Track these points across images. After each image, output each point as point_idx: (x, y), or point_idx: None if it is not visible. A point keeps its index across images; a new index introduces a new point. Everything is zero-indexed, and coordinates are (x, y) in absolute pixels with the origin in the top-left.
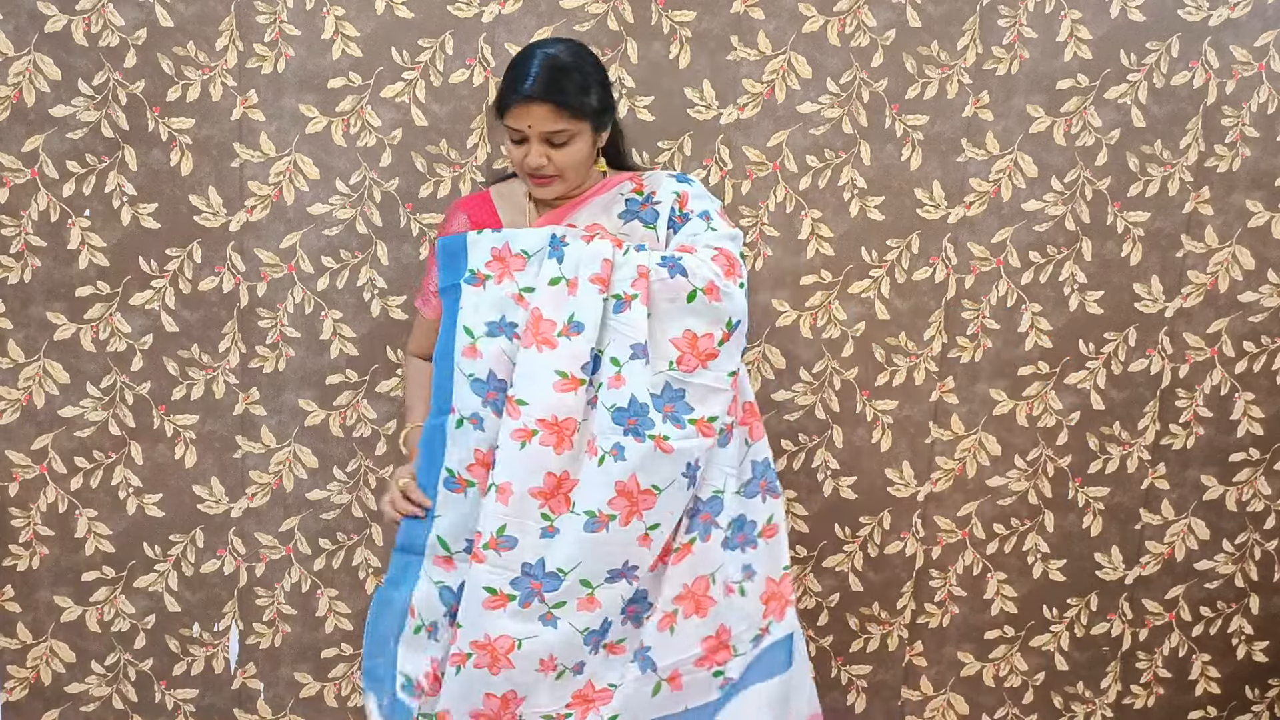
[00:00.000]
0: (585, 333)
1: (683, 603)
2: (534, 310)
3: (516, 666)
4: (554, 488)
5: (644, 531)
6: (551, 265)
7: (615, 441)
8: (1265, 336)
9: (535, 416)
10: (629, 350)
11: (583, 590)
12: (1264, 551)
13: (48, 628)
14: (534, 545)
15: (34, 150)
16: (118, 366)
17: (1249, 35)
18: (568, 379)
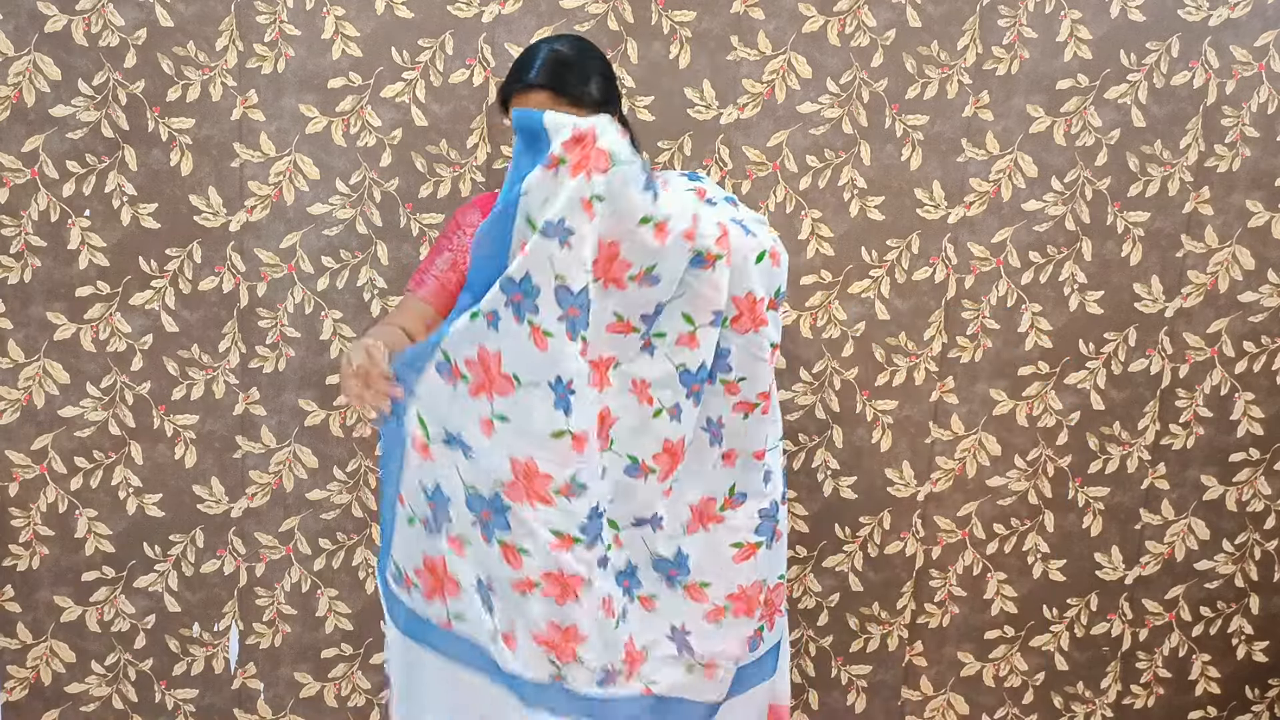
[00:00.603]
0: (660, 286)
1: (736, 601)
2: (611, 244)
3: (583, 603)
4: (599, 427)
5: (669, 486)
6: (643, 200)
7: (677, 402)
8: (1265, 336)
9: (589, 357)
10: (709, 315)
11: (609, 530)
12: (1264, 551)
13: (48, 628)
14: (598, 490)
15: (34, 150)
16: (118, 366)
17: (1249, 35)
18: (623, 323)
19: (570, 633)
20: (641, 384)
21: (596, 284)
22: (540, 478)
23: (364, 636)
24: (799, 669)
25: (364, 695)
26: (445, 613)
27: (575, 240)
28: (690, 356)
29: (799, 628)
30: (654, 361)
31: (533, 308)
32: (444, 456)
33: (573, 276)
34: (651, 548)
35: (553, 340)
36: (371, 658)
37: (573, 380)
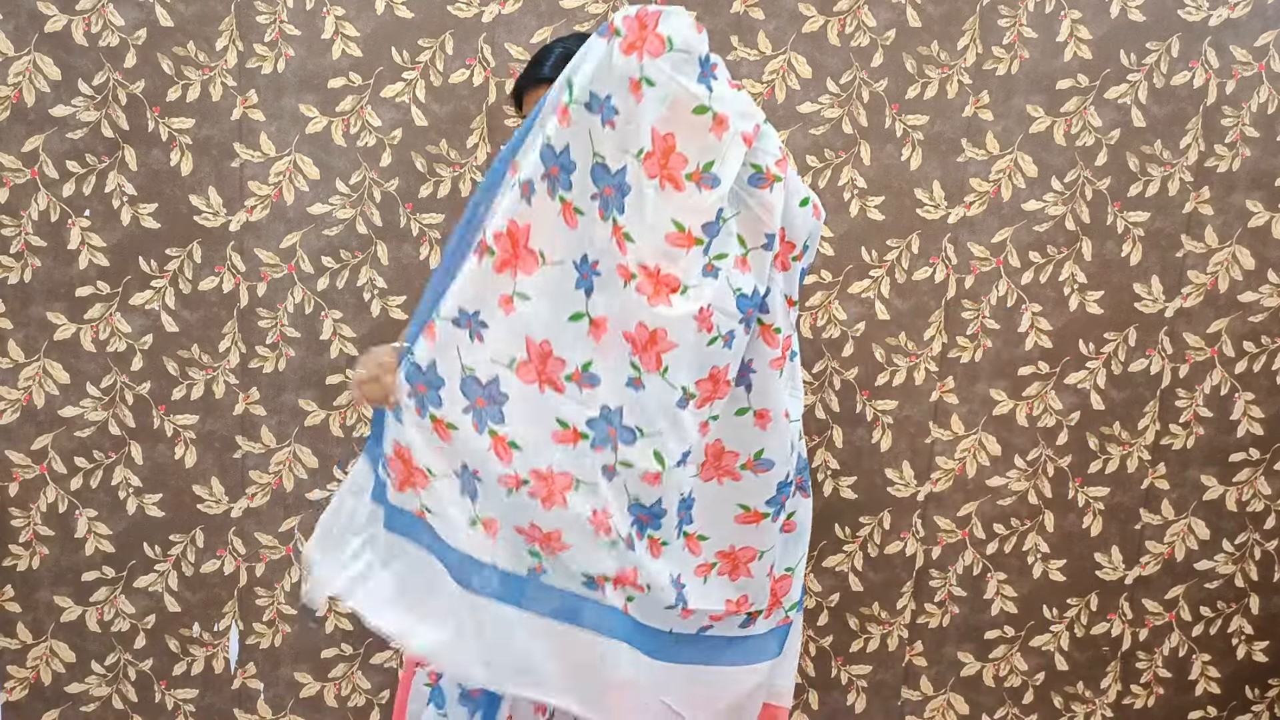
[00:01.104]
0: (718, 190)
1: (724, 560)
2: (666, 137)
3: (569, 508)
4: (647, 341)
5: (706, 419)
6: (698, 89)
7: (731, 328)
8: (1265, 336)
9: (638, 261)
10: (762, 237)
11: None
12: (1264, 551)
13: (48, 628)
14: (618, 391)
15: (34, 150)
16: (118, 366)
17: (1249, 35)
18: (684, 234)
19: (553, 536)
20: (707, 311)
21: (653, 183)
22: (554, 360)
23: (364, 636)
24: (799, 669)
25: (364, 695)
26: (418, 503)
27: (619, 121)
28: (744, 280)
29: None
30: (717, 285)
31: (567, 183)
32: (448, 336)
33: (612, 157)
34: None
35: (583, 219)
36: (372, 658)
37: (599, 262)
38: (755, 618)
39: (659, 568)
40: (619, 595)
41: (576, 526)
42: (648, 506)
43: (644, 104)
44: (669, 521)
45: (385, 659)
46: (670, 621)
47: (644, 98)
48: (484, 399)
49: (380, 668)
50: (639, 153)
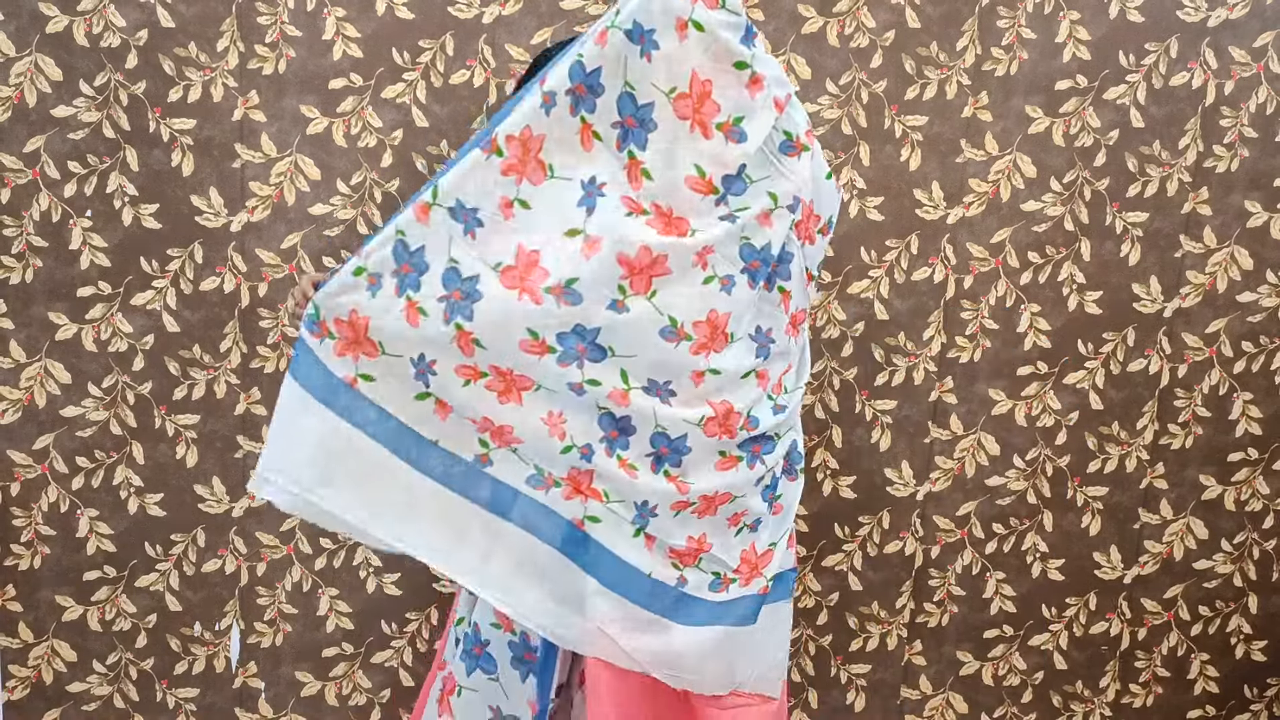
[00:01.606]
0: (744, 145)
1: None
2: (705, 82)
3: (525, 406)
4: (643, 266)
5: (704, 369)
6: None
7: (731, 273)
8: (1264, 336)
9: (651, 198)
10: (790, 198)
11: (619, 382)
12: (1262, 551)
13: (49, 627)
14: (598, 313)
15: (35, 151)
16: (119, 366)
17: (1247, 36)
18: (704, 180)
19: (505, 430)
20: (705, 250)
21: (683, 125)
22: (538, 270)
23: (365, 636)
24: (799, 668)
25: (365, 694)
26: (354, 370)
27: (657, 56)
28: (759, 233)
29: (799, 627)
30: (726, 231)
31: (591, 105)
32: (442, 224)
33: (642, 89)
34: (658, 419)
35: (599, 144)
36: (373, 657)
37: (606, 185)
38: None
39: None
40: (574, 506)
41: (529, 425)
42: (617, 420)
43: (687, 45)
44: (639, 444)
45: (386, 658)
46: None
47: (688, 39)
48: (460, 293)
49: (381, 666)
50: (671, 91)
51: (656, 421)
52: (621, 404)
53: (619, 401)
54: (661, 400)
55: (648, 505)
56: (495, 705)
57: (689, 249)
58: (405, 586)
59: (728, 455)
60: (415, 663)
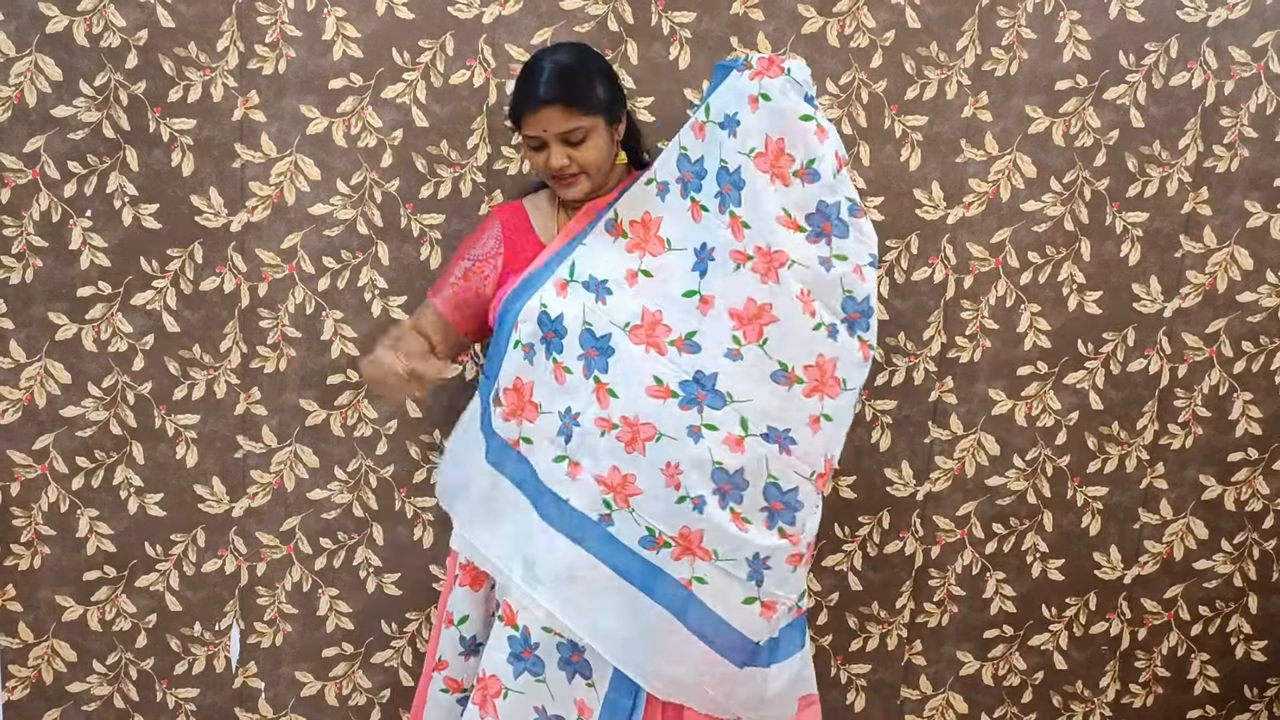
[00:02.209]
0: (819, 183)
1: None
2: (777, 141)
3: (648, 455)
4: (752, 315)
5: (818, 415)
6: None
7: (833, 322)
8: (1264, 336)
9: (754, 244)
10: (867, 256)
11: (737, 428)
12: (1262, 551)
13: (49, 627)
14: (715, 360)
15: (35, 151)
16: (119, 366)
17: (1248, 36)
18: (790, 220)
19: (629, 480)
20: (807, 294)
21: (764, 177)
22: (661, 327)
23: (365, 636)
24: None
25: (365, 695)
26: (517, 433)
27: (740, 131)
28: (859, 287)
29: None
30: (827, 277)
31: (698, 186)
32: (578, 295)
33: (731, 159)
34: (771, 470)
35: (707, 215)
36: (373, 657)
37: (715, 249)
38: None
39: (735, 534)
40: (683, 567)
41: (649, 473)
42: (730, 474)
43: (759, 113)
44: (752, 498)
45: (386, 658)
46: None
47: (759, 108)
48: (595, 350)
49: (381, 667)
50: (751, 151)
51: (769, 473)
52: (737, 450)
53: (734, 448)
54: (781, 449)
55: (759, 558)
56: (540, 705)
57: (790, 292)
58: (405, 587)
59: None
60: (415, 663)
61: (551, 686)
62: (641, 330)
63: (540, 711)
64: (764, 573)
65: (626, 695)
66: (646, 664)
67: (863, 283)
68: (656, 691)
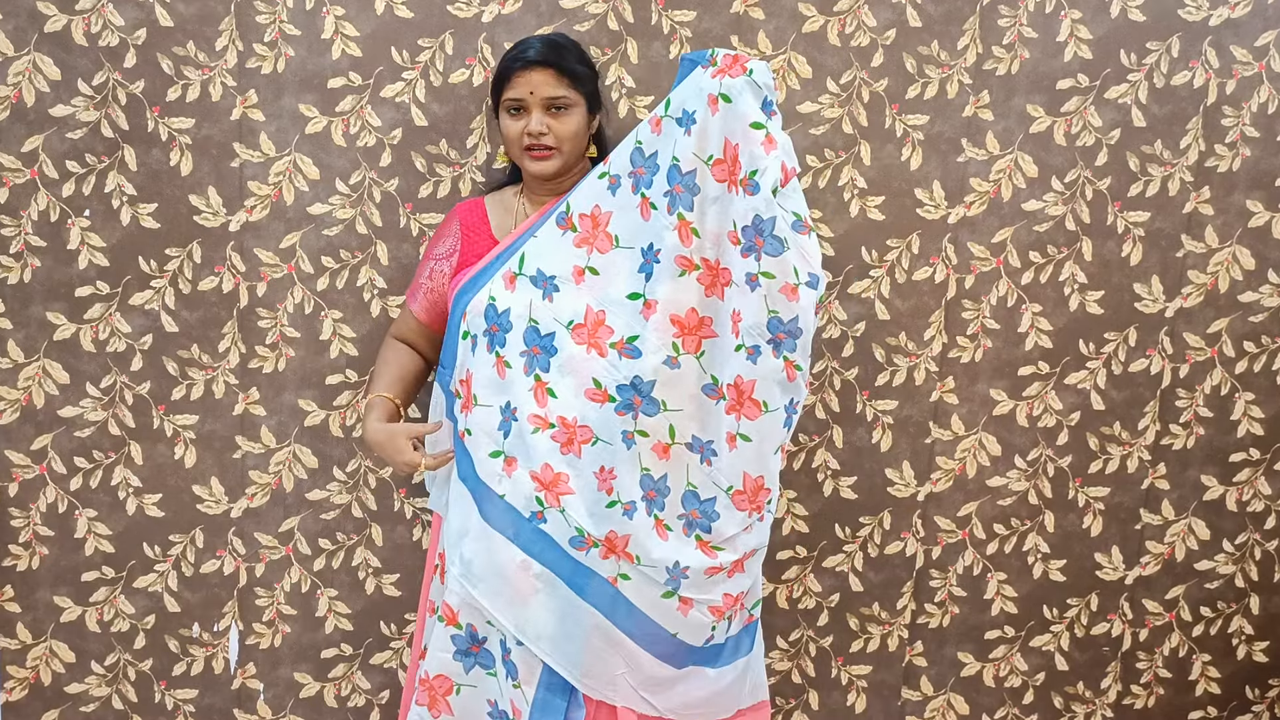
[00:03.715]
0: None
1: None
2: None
3: (583, 458)
4: (693, 326)
5: (734, 433)
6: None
7: (756, 343)
8: (1265, 336)
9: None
10: (806, 275)
11: (666, 436)
12: (1264, 552)
13: (47, 628)
14: (654, 367)
15: (34, 150)
16: (117, 366)
17: (1249, 35)
18: (734, 233)
19: (561, 479)
20: (736, 315)
21: (720, 186)
22: (604, 328)
23: (364, 636)
24: (799, 669)
25: (364, 695)
26: (463, 424)
27: (695, 130)
28: (786, 308)
29: (799, 628)
30: (752, 297)
31: (649, 182)
32: (525, 290)
33: (685, 160)
34: (690, 478)
35: (655, 213)
36: (371, 658)
37: (661, 251)
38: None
39: (656, 545)
40: (609, 565)
41: (584, 475)
42: (655, 481)
43: (718, 116)
44: (672, 504)
45: (385, 659)
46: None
47: (719, 110)
48: (539, 348)
49: (380, 668)
50: (709, 159)
51: (688, 480)
52: (663, 457)
53: (661, 455)
54: (702, 459)
55: (678, 566)
56: (493, 699)
57: (727, 310)
58: (404, 587)
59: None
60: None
61: (500, 682)
62: (584, 330)
63: (493, 705)
64: (681, 580)
65: (560, 695)
66: (577, 661)
67: (792, 302)
68: (588, 690)
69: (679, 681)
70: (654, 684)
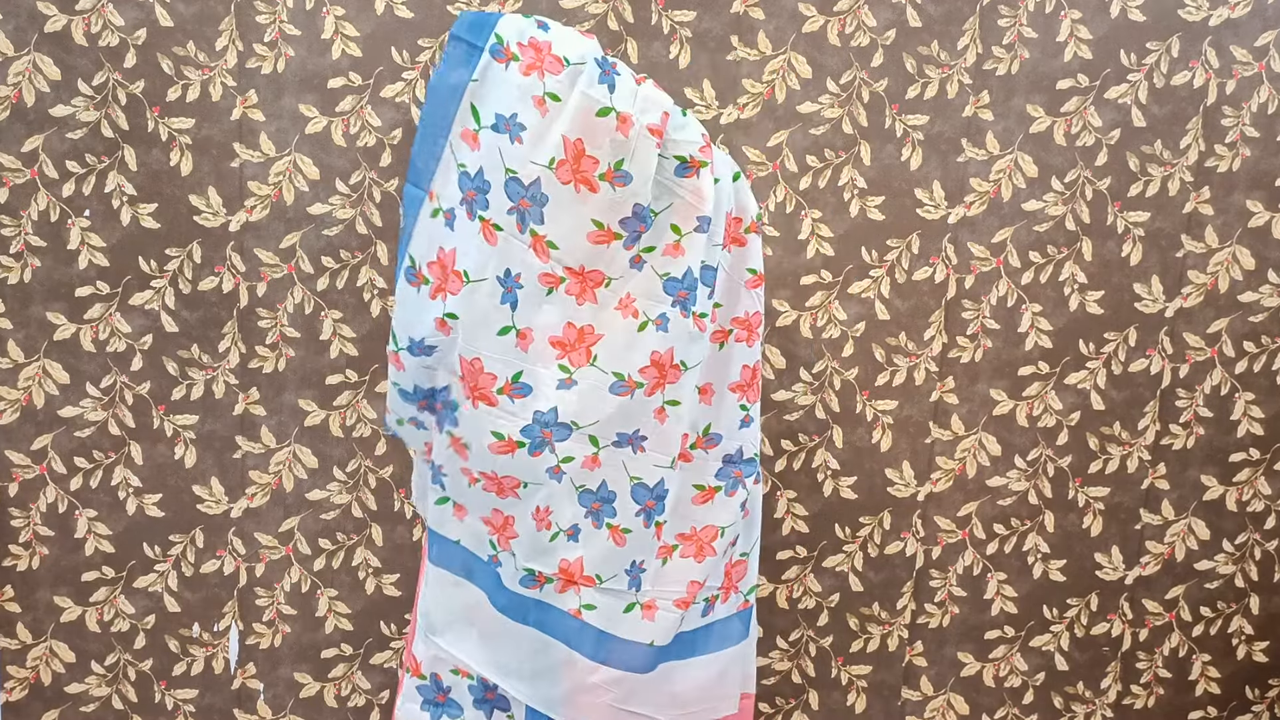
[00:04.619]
0: (632, 185)
1: (686, 541)
2: (576, 143)
3: (522, 500)
4: (575, 339)
5: (662, 405)
6: (598, 90)
7: (661, 311)
8: (1265, 336)
9: (564, 264)
10: (694, 221)
11: (589, 448)
12: (1264, 552)
13: (47, 628)
14: (549, 395)
15: (34, 150)
16: (117, 366)
17: (1249, 35)
18: (604, 231)
19: (509, 522)
20: (628, 299)
21: (568, 188)
22: (484, 376)
23: (364, 636)
24: (799, 669)
25: (364, 695)
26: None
27: (527, 136)
28: (675, 265)
29: (799, 628)
30: (642, 275)
31: (484, 203)
32: (410, 362)
33: (524, 171)
34: (631, 472)
35: (502, 234)
36: (372, 658)
37: (521, 274)
38: (713, 603)
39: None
40: (569, 599)
41: (524, 518)
42: (595, 491)
43: (550, 116)
44: (624, 506)
45: (385, 659)
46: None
47: (549, 110)
48: (441, 404)
49: (380, 668)
50: (550, 162)
51: (630, 475)
52: (595, 467)
53: (592, 466)
54: (634, 449)
55: (635, 564)
56: None
57: (608, 307)
58: (404, 587)
59: (705, 488)
60: None
61: None
62: (465, 383)
63: None
64: (640, 575)
65: None
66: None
67: (678, 257)
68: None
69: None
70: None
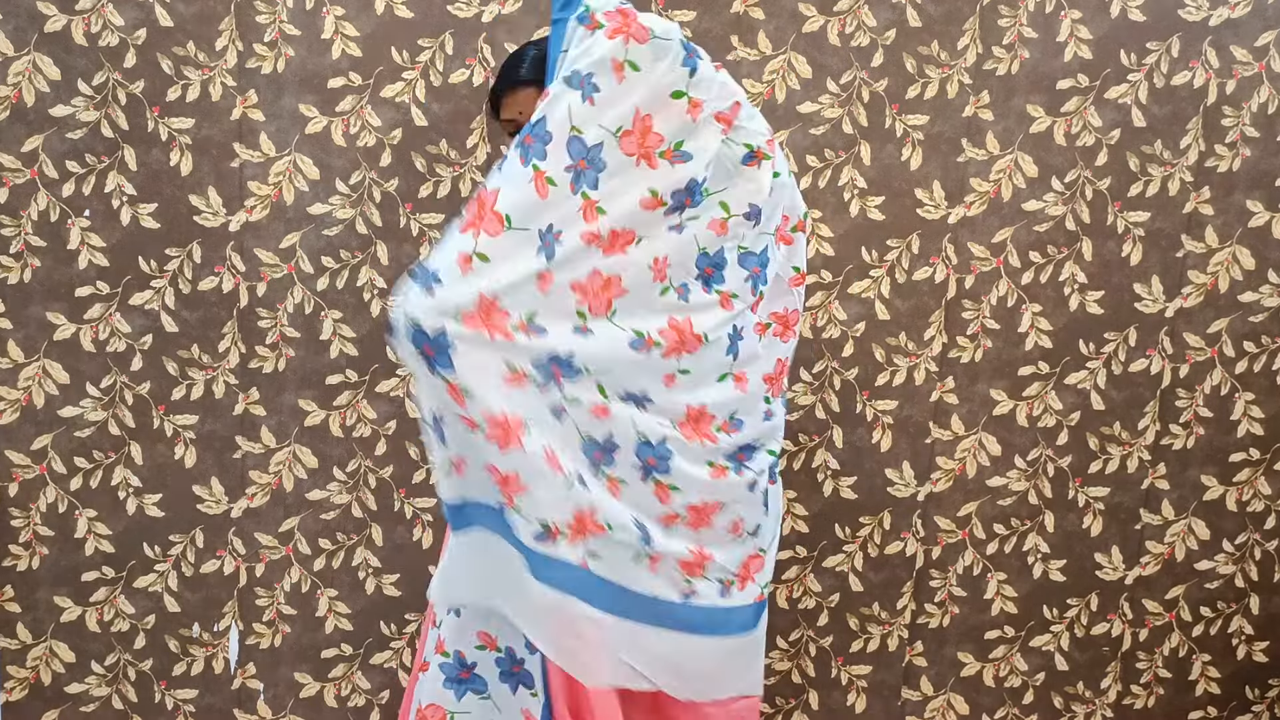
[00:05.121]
0: (690, 164)
1: (692, 513)
2: (645, 117)
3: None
4: (597, 289)
5: (674, 371)
6: (679, 72)
7: (685, 282)
8: (1265, 336)
9: (609, 227)
10: (746, 207)
11: (597, 397)
12: (1264, 552)
13: (47, 628)
14: (565, 339)
15: (34, 150)
16: (117, 366)
17: (1249, 35)
18: (655, 198)
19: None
20: (660, 261)
21: (629, 160)
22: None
23: (364, 636)
24: (799, 669)
25: (364, 696)
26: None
27: (599, 99)
28: (713, 241)
29: (799, 628)
30: (680, 240)
31: (541, 153)
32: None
33: (589, 132)
34: (639, 427)
35: (554, 190)
36: (371, 658)
37: (563, 232)
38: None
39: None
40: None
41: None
42: (600, 442)
43: (625, 84)
44: (624, 458)
45: (385, 659)
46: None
47: (626, 78)
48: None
49: (380, 668)
50: (618, 130)
51: (636, 430)
52: (603, 417)
53: (600, 415)
54: (639, 408)
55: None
56: None
57: (640, 264)
58: (404, 587)
59: (716, 465)
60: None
61: (497, 701)
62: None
63: None
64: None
65: None
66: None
67: (720, 235)
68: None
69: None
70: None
